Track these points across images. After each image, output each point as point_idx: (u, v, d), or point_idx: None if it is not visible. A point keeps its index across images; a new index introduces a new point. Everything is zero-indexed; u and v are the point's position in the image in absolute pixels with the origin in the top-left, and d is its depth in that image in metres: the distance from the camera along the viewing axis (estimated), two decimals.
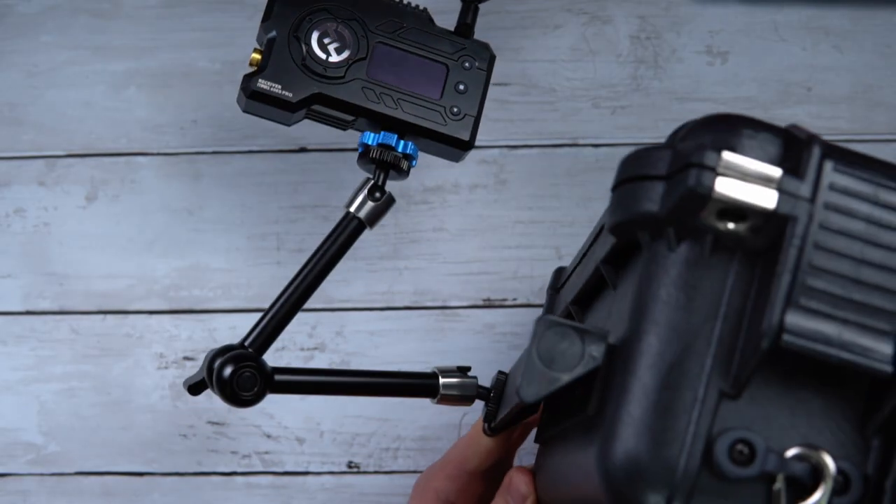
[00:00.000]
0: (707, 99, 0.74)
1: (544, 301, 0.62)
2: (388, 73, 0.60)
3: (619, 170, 0.40)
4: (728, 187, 0.36)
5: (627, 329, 0.38)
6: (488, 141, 0.74)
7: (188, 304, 0.73)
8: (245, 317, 0.72)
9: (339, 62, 0.59)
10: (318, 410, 0.71)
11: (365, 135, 0.59)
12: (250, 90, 0.58)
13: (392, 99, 0.59)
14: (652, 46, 0.75)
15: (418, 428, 0.71)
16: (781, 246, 0.36)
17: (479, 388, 0.59)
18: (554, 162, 0.74)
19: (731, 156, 0.36)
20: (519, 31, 0.75)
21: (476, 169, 0.74)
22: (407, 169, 0.60)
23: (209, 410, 0.71)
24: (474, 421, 0.62)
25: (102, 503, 0.71)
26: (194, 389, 0.57)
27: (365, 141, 0.59)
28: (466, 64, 0.61)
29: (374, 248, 0.73)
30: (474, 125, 0.60)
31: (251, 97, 0.58)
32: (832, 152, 0.36)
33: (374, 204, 0.59)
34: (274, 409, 0.71)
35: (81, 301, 0.73)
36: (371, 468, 0.71)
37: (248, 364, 0.55)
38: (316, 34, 0.59)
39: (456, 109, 0.60)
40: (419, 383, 0.59)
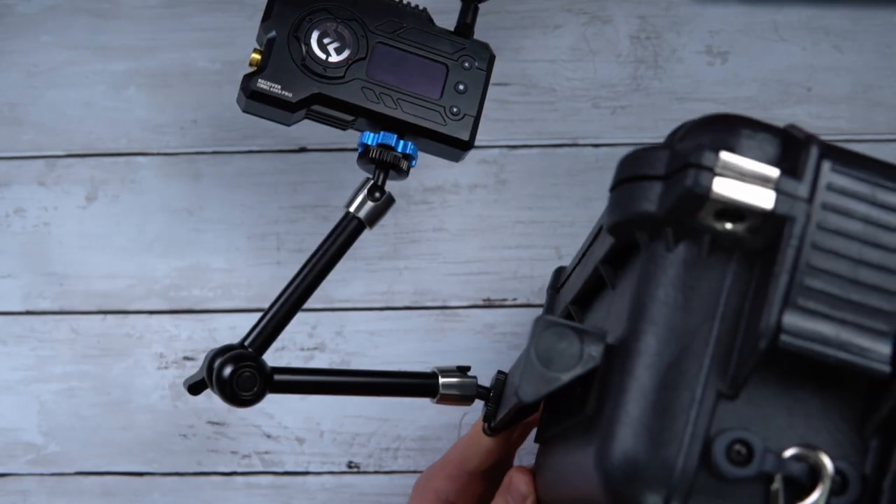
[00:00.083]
0: (707, 99, 0.74)
1: (544, 301, 0.62)
2: (388, 73, 0.60)
3: (617, 170, 0.40)
4: (726, 187, 0.36)
5: (626, 329, 0.38)
6: (488, 141, 0.74)
7: (188, 304, 0.73)
8: (245, 317, 0.72)
9: (338, 62, 0.59)
10: (318, 410, 0.71)
11: (365, 135, 0.59)
12: (250, 90, 0.58)
13: (392, 99, 0.59)
14: (652, 46, 0.75)
15: (418, 428, 0.71)
16: (779, 246, 0.36)
17: (478, 387, 0.59)
18: (554, 162, 0.74)
19: (729, 156, 0.36)
20: (519, 31, 0.75)
21: (476, 169, 0.74)
22: (407, 169, 0.60)
23: (209, 410, 0.71)
24: (474, 421, 0.62)
25: (102, 503, 0.71)
26: (194, 389, 0.57)
27: (365, 141, 0.59)
28: (466, 64, 0.61)
29: (374, 248, 0.73)
30: (474, 125, 0.60)
31: (251, 97, 0.58)
32: (830, 152, 0.36)
33: (374, 204, 0.59)
34: (274, 409, 0.71)
35: (81, 301, 0.73)
36: (371, 468, 0.71)
37: (247, 364, 0.55)
38: (316, 34, 0.59)
39: (456, 109, 0.60)
40: (419, 383, 0.59)
